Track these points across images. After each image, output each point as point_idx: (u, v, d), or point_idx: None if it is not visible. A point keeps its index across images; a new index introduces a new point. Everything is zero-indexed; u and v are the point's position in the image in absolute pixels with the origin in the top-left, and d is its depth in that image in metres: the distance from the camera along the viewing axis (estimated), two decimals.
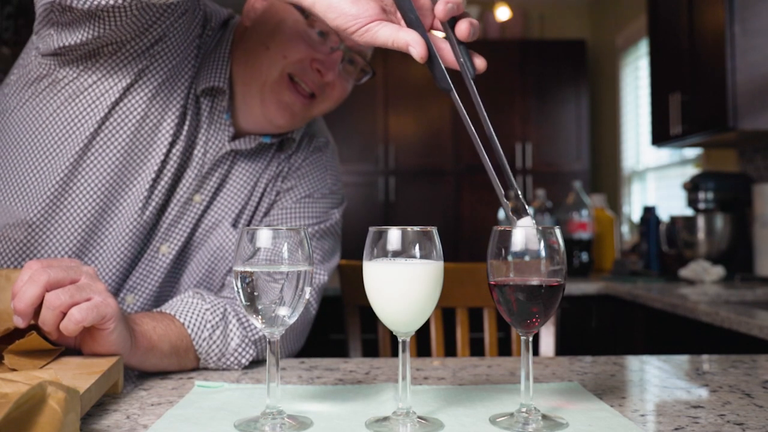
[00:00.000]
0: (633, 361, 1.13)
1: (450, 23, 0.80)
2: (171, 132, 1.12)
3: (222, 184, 1.20)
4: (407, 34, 0.78)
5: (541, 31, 5.46)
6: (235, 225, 1.22)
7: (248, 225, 1.23)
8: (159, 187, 1.14)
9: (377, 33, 0.78)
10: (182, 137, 1.14)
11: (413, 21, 0.79)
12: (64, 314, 0.83)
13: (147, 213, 1.13)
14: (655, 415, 0.82)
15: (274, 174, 1.25)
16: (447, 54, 0.81)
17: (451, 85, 0.81)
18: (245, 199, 1.22)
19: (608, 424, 0.76)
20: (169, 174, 1.14)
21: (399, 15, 0.82)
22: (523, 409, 0.77)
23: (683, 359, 1.14)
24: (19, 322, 0.84)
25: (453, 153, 5.13)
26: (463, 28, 0.79)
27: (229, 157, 1.20)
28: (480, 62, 0.81)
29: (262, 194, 1.24)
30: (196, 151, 1.16)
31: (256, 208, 1.24)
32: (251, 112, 1.17)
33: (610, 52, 5.03)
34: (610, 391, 0.92)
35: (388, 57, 5.13)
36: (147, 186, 1.12)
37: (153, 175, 1.12)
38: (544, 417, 0.77)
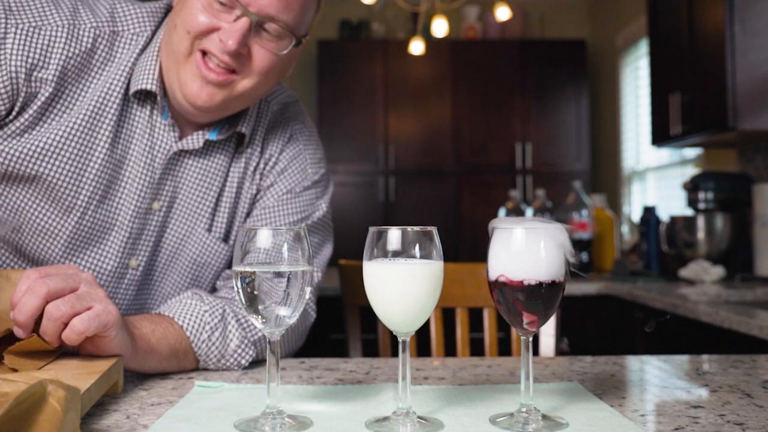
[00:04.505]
0: (633, 361, 1.13)
1: None
2: (107, 144, 1.10)
3: (181, 187, 1.17)
4: None
5: (541, 31, 5.46)
6: (210, 229, 1.20)
7: (228, 227, 1.21)
8: (85, 200, 1.11)
9: None
10: (117, 146, 1.11)
11: None
12: (66, 324, 0.83)
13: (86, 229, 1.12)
14: (655, 415, 0.82)
15: (246, 171, 1.20)
16: None
17: None
18: (214, 201, 1.19)
19: (608, 424, 0.76)
20: (98, 185, 1.11)
21: None
22: (523, 409, 0.77)
23: (683, 359, 1.14)
24: (21, 334, 0.83)
25: (453, 153, 5.13)
26: None
27: (182, 159, 1.16)
28: None
29: (237, 194, 1.21)
30: (134, 158, 1.12)
31: (234, 209, 1.21)
32: (176, 99, 1.10)
33: (610, 52, 5.03)
34: (610, 391, 0.92)
35: (388, 57, 5.13)
36: (85, 200, 1.10)
37: (89, 191, 1.10)
38: (544, 417, 0.77)
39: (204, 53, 1.06)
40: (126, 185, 1.13)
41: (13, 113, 1.06)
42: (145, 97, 1.13)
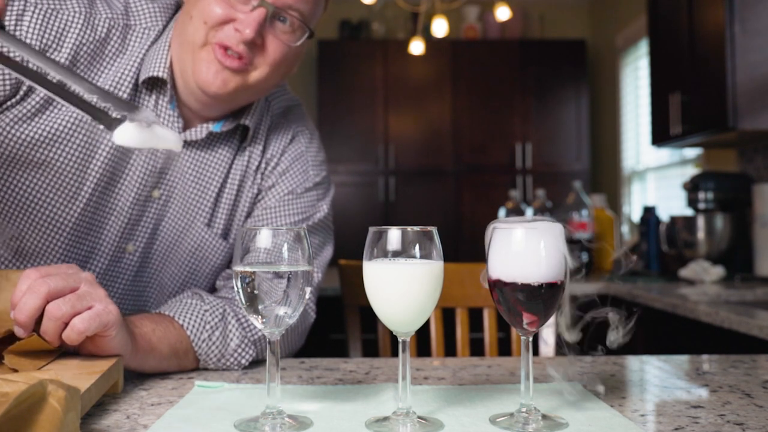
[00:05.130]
0: (633, 361, 1.13)
1: None
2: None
3: (182, 177, 1.18)
4: None
5: (541, 31, 5.46)
6: (209, 225, 1.20)
7: (227, 224, 1.22)
8: (90, 188, 1.11)
9: None
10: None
11: None
12: (66, 323, 0.83)
13: (83, 215, 1.12)
14: (655, 415, 0.82)
15: (248, 170, 1.21)
16: None
17: None
18: (215, 195, 1.19)
19: (608, 424, 0.76)
20: (104, 173, 1.11)
21: None
22: (523, 409, 0.77)
23: (683, 359, 1.14)
24: (21, 333, 0.83)
25: (453, 153, 5.13)
26: None
27: (185, 149, 1.16)
28: None
29: (238, 192, 1.21)
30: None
31: (234, 207, 1.22)
32: (188, 87, 1.12)
33: (610, 52, 5.03)
34: (610, 391, 0.92)
35: (388, 57, 5.13)
36: (90, 188, 1.11)
37: (95, 179, 1.11)
38: (544, 417, 0.77)
39: (221, 47, 1.08)
40: (129, 173, 1.14)
41: (20, 93, 1.06)
42: (152, 86, 1.14)
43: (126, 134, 0.86)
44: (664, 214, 3.33)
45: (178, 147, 0.92)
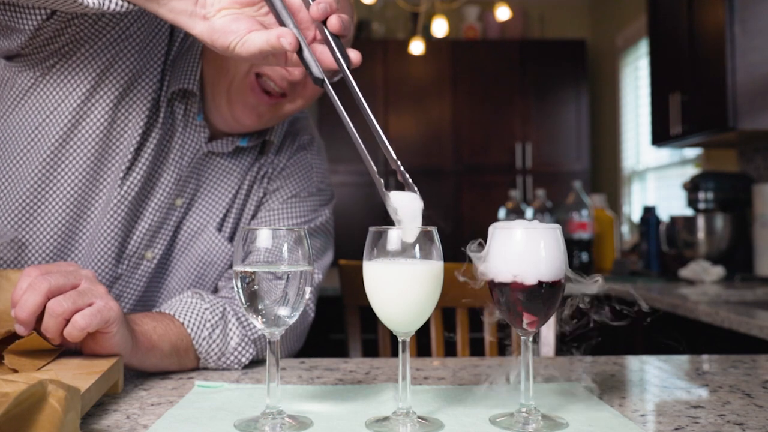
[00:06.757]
0: (633, 361, 1.13)
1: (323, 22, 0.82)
2: (138, 136, 1.11)
3: (202, 186, 1.20)
4: (278, 29, 0.78)
5: (541, 31, 5.46)
6: (220, 229, 1.22)
7: (234, 227, 1.23)
8: (127, 192, 1.12)
9: (254, 40, 0.78)
10: (152, 141, 1.13)
11: (289, 26, 0.81)
12: (68, 320, 0.83)
13: (119, 219, 1.13)
14: (655, 415, 0.82)
15: (257, 176, 1.24)
16: (322, 52, 0.82)
17: (324, 76, 0.82)
18: (229, 202, 1.22)
19: (608, 424, 0.76)
20: (138, 178, 1.12)
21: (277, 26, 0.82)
22: (523, 409, 0.77)
23: (683, 359, 1.14)
24: (22, 331, 0.83)
25: (453, 153, 5.13)
26: (333, 22, 0.80)
27: (208, 159, 1.19)
28: (354, 55, 0.83)
29: (246, 197, 1.24)
30: (172, 155, 1.16)
31: (242, 211, 1.24)
32: (220, 112, 1.15)
33: (610, 52, 5.03)
34: (610, 391, 0.92)
35: (388, 57, 5.13)
36: (116, 192, 1.12)
37: (119, 181, 1.12)
38: (544, 417, 0.77)
39: (258, 75, 1.10)
40: (161, 181, 1.16)
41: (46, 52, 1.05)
42: (181, 96, 1.15)
43: (403, 200, 0.85)
44: (664, 214, 3.33)
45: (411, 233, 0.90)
